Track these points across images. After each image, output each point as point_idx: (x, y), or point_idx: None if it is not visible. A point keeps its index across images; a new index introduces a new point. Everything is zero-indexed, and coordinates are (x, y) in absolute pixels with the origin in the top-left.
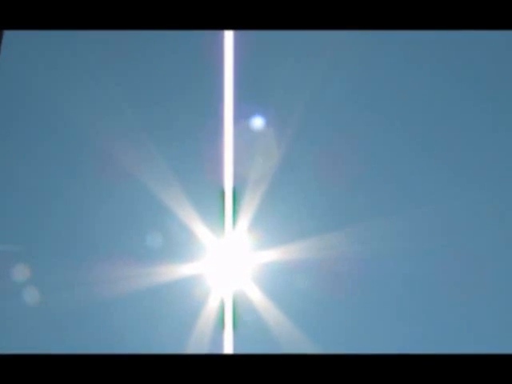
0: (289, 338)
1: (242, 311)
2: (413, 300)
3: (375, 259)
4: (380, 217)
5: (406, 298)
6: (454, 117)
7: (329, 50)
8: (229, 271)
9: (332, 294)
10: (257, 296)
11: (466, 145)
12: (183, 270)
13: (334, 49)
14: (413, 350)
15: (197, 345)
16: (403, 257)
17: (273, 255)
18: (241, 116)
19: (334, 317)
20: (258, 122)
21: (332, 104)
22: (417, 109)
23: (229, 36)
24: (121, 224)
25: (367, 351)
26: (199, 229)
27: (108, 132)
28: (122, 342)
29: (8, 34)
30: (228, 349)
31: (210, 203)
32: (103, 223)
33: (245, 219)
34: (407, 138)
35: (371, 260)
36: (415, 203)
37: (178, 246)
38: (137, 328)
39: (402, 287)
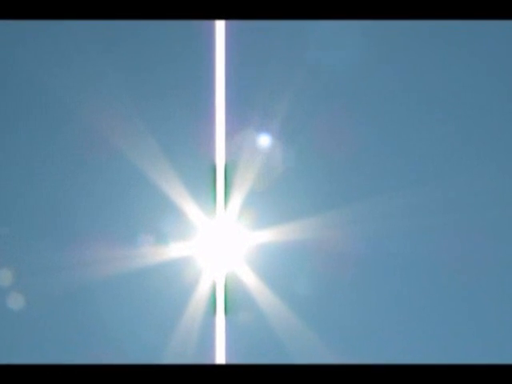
0: (284, 323)
1: (234, 295)
2: (416, 283)
3: (376, 239)
4: (382, 195)
5: (409, 279)
6: (455, 85)
7: (323, 39)
8: (221, 253)
9: (331, 277)
10: (251, 279)
11: (472, 118)
12: (171, 251)
13: (327, 37)
14: (415, 337)
15: (187, 331)
16: (406, 236)
17: (268, 236)
18: (233, 92)
19: (333, 301)
20: (251, 98)
21: (328, 86)
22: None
23: (220, 25)
24: (105, 202)
25: (367, 337)
26: (189, 207)
27: (92, 105)
28: (107, 328)
29: None
30: (220, 335)
31: (201, 180)
32: (85, 201)
33: (238, 197)
34: (404, 118)
35: (372, 240)
36: (418, 180)
37: (166, 226)
38: (122, 314)
39: (405, 268)
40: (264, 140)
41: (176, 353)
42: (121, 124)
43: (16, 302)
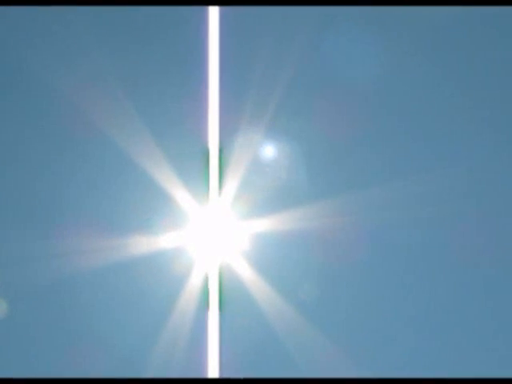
0: (282, 318)
1: (229, 288)
2: (418, 275)
3: (377, 228)
4: (381, 183)
5: (411, 270)
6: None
7: (319, 25)
8: (214, 243)
9: (330, 268)
10: (246, 271)
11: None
12: (162, 241)
13: (323, 23)
14: (416, 329)
15: (178, 327)
16: (407, 225)
17: (264, 225)
18: (227, 77)
19: (334, 295)
20: (245, 81)
21: (323, 73)
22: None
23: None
24: (92, 189)
25: (368, 331)
26: (181, 195)
27: (81, 89)
28: (93, 324)
29: None
30: (213, 332)
31: (193, 166)
32: (71, 187)
33: (232, 183)
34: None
35: (372, 229)
36: (419, 168)
37: (157, 214)
38: (109, 308)
39: (406, 258)
40: (258, 126)
41: (166, 351)
42: (111, 108)
43: None
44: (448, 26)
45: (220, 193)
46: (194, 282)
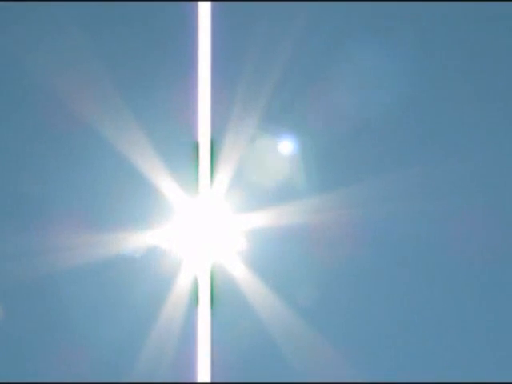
0: (277, 318)
1: (221, 287)
2: (419, 272)
3: (378, 223)
4: (379, 177)
5: (412, 267)
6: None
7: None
8: (205, 238)
9: (327, 266)
10: (239, 268)
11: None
12: (150, 236)
13: (315, 17)
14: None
15: (166, 329)
16: (406, 219)
17: (257, 220)
18: (219, 68)
19: (330, 293)
20: (238, 69)
21: (316, 65)
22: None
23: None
24: (74, 182)
25: (366, 333)
26: (169, 187)
27: (67, 80)
28: (74, 326)
29: None
30: (204, 334)
31: (183, 157)
32: (53, 180)
33: (224, 176)
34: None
35: (374, 224)
36: (419, 160)
37: (144, 209)
38: (93, 308)
39: (403, 254)
40: (251, 118)
41: (153, 355)
42: (98, 100)
43: None
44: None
45: (211, 186)
46: (183, 281)
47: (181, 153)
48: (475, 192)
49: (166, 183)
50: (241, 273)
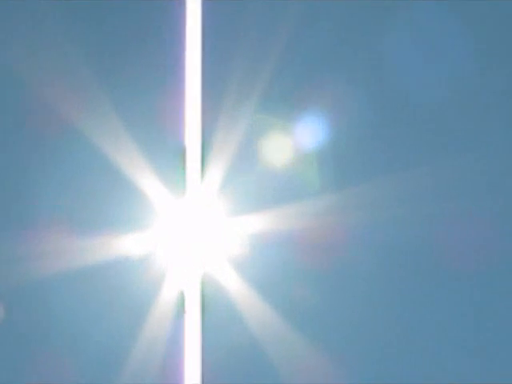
0: (269, 326)
1: (210, 293)
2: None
3: (375, 228)
4: (373, 181)
5: (409, 273)
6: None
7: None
8: (194, 243)
9: (324, 272)
10: (229, 274)
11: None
12: (137, 242)
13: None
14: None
15: (153, 335)
16: (399, 226)
17: (249, 224)
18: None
19: (326, 300)
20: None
21: (308, 62)
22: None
23: None
24: (60, 185)
25: (358, 340)
26: (158, 191)
27: (48, 77)
28: (58, 332)
29: None
30: (193, 343)
31: (172, 160)
32: (38, 184)
33: (214, 179)
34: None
35: (371, 229)
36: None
37: (132, 213)
38: (75, 316)
39: (398, 260)
40: (242, 117)
41: (140, 362)
42: (81, 98)
43: None
44: None
45: (201, 190)
46: (171, 287)
47: (170, 155)
48: (482, 195)
49: (154, 187)
50: (232, 280)
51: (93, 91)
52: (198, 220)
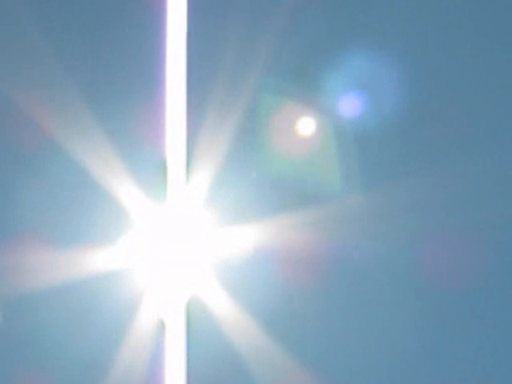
0: (250, 341)
1: (193, 309)
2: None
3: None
4: (364, 191)
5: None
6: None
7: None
8: (175, 258)
9: (307, 285)
10: (213, 290)
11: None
12: (115, 256)
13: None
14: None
15: (133, 352)
16: (389, 239)
17: (232, 236)
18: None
19: (309, 315)
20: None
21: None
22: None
23: None
24: (37, 197)
25: (345, 356)
26: (137, 203)
27: (22, 84)
28: (34, 349)
29: None
30: (176, 363)
31: (152, 170)
32: (9, 195)
33: (197, 191)
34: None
35: (365, 243)
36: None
37: (109, 226)
38: (52, 330)
39: (390, 274)
40: (228, 126)
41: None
42: (58, 109)
43: None
44: None
45: (184, 201)
46: (151, 303)
47: (151, 166)
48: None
49: (135, 199)
50: (216, 295)
51: (72, 101)
52: (180, 232)
